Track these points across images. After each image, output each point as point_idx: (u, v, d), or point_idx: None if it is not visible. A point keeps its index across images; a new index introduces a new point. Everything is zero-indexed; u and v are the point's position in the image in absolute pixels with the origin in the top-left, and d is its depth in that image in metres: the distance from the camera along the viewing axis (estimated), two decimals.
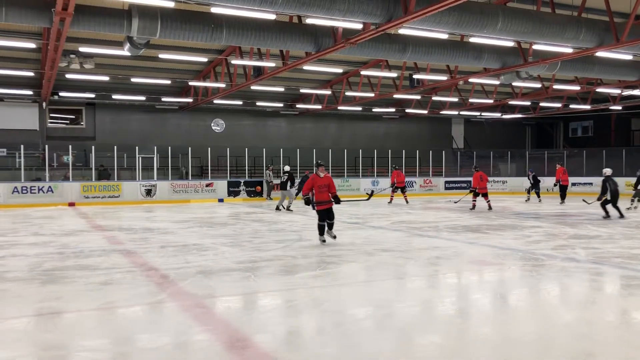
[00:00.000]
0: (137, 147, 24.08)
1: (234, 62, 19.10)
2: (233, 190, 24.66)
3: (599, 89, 24.25)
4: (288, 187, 18.42)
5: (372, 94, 24.08)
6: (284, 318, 5.52)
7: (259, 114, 30.71)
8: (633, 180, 21.87)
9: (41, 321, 5.36)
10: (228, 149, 25.64)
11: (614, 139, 33.64)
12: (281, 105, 29.54)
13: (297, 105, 29.53)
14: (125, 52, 14.54)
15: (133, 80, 23.54)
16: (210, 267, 7.87)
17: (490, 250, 9.59)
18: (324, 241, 10.05)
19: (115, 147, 23.77)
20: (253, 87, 23.36)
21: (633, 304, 6.17)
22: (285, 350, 4.46)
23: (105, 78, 22.64)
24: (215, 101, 26.52)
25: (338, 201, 10.13)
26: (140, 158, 24.18)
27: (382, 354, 4.34)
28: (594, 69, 17.82)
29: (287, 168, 19.08)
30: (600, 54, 15.04)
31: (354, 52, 14.23)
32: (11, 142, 23.72)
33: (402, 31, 13.00)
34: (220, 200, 23.85)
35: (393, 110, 31.52)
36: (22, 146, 22.44)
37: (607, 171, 14.47)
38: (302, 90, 26.60)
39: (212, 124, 30.05)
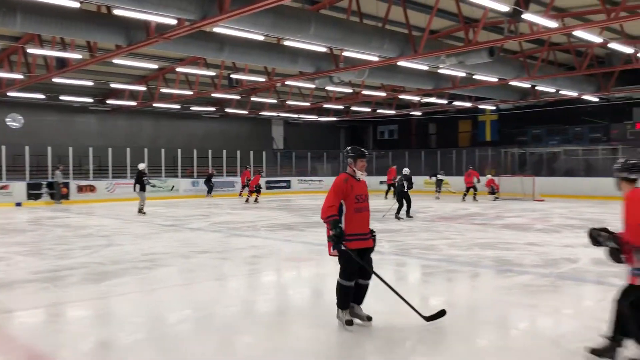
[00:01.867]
0: None
1: (31, 51, 17.18)
2: (33, 193, 22.22)
3: (402, 96, 26.59)
4: (137, 189, 16.67)
5: (190, 92, 23.50)
6: (92, 329, 5.08)
7: (65, 109, 28.05)
8: (433, 178, 24.42)
9: None
10: (27, 147, 23.04)
11: (415, 142, 37.24)
12: (90, 100, 27.35)
13: (109, 101, 27.61)
14: None
15: None
16: (1, 280, 6.96)
17: (305, 247, 9.94)
18: (351, 324, 4.95)
19: None
20: (56, 80, 21.26)
21: (429, 290, 6.85)
22: None
23: None
24: (11, 94, 23.60)
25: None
26: None
27: (204, 356, 4.22)
28: (397, 77, 19.50)
29: (141, 166, 17.04)
30: (401, 63, 16.46)
31: (169, 47, 13.72)
32: None
33: (218, 30, 12.82)
34: (18, 204, 21.33)
35: (213, 109, 31.13)
36: None
37: (405, 170, 15.91)
38: (113, 85, 24.92)
39: (7, 119, 26.71)
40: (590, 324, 5.04)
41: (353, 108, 31.48)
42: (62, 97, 26.09)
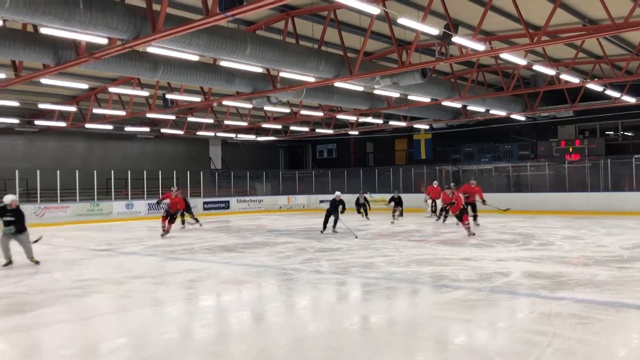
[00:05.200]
0: None
1: None
2: None
3: (339, 116, 26.93)
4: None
5: (123, 112, 22.87)
6: None
7: None
8: (391, 204, 23.40)
9: None
10: None
11: (353, 161, 37.73)
12: (17, 121, 26.11)
13: (37, 122, 26.45)
14: None
15: None
16: None
17: (244, 269, 9.79)
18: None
19: None
20: None
21: (369, 308, 6.88)
22: None
23: None
24: None
25: None
26: None
27: None
28: (334, 97, 19.75)
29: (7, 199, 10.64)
30: (338, 84, 16.68)
31: (100, 67, 13.31)
32: None
33: (152, 50, 12.57)
34: None
35: (147, 129, 30.41)
36: None
37: (337, 194, 16.19)
38: (41, 106, 23.92)
39: None
40: (523, 336, 5.20)
41: (292, 128, 31.59)
42: None
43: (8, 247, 10.40)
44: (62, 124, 25.59)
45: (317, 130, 31.62)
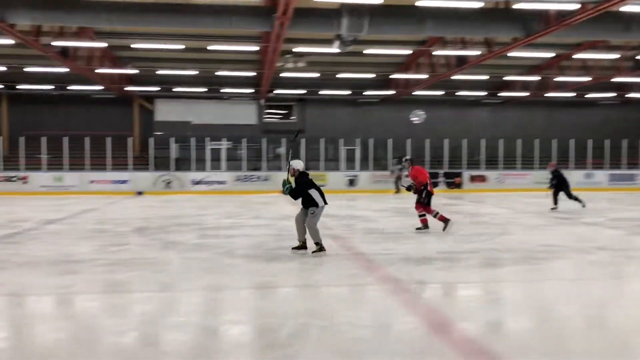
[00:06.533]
0: (340, 140, 25.46)
1: (436, 52, 19.04)
2: (432, 182, 24.60)
3: None
4: None
5: (587, 78, 22.00)
6: (486, 308, 5.48)
7: (459, 103, 30.08)
8: None
9: (259, 293, 6.11)
10: (427, 140, 25.65)
11: None
12: (483, 93, 28.55)
13: (501, 94, 28.25)
14: (334, 49, 15.44)
15: (338, 75, 24.86)
16: (411, 255, 8.09)
17: None
18: None
19: (321, 139, 25.42)
20: (454, 77, 23.00)
21: None
22: (489, 339, 4.47)
23: (316, 75, 24.30)
24: (415, 92, 26.68)
25: None
26: (343, 150, 25.51)
27: (591, 353, 4.12)
28: None
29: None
30: None
31: (569, 34, 13.19)
32: (235, 135, 26.79)
33: (626, 8, 11.64)
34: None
35: (613, 95, 28.33)
36: (243, 140, 25.40)
37: None
38: (506, 78, 25.36)
39: (410, 116, 30.28)
40: None
41: None
42: (457, 93, 28.03)
43: None
44: (524, 93, 26.50)
45: None
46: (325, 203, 8.08)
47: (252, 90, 27.79)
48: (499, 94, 28.36)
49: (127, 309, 5.42)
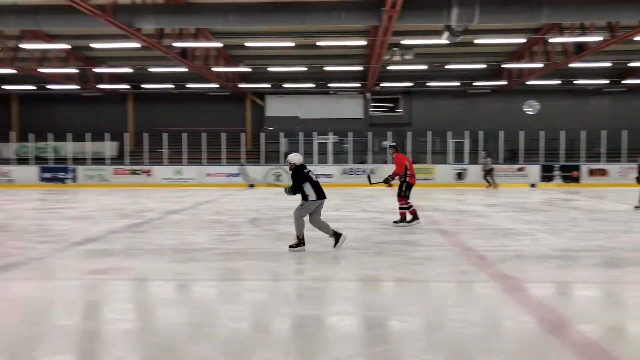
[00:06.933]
0: (448, 132, 24.95)
1: (552, 40, 18.08)
2: (546, 175, 23.45)
3: None
4: None
5: None
6: (607, 310, 5.23)
7: (577, 93, 28.28)
8: None
9: (366, 285, 6.25)
10: (541, 131, 24.44)
11: None
12: (605, 82, 26.62)
13: (624, 82, 26.18)
14: (443, 40, 15.18)
15: (447, 67, 24.35)
16: (526, 252, 7.85)
17: None
18: None
19: (428, 132, 25.08)
20: (572, 65, 21.69)
21: None
22: (609, 343, 4.28)
23: (423, 67, 24.00)
24: (528, 82, 25.48)
25: None
26: (451, 142, 24.99)
27: None
28: None
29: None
30: None
31: None
32: (341, 129, 27.17)
33: None
34: (532, 185, 22.99)
35: None
36: (349, 133, 25.70)
37: None
38: (631, 64, 23.46)
39: (524, 107, 28.94)
40: None
41: None
42: (575, 82, 26.41)
43: None
44: None
45: None
46: (323, 197, 7.84)
47: (359, 85, 28.00)
48: (622, 82, 26.31)
49: (241, 296, 5.79)
